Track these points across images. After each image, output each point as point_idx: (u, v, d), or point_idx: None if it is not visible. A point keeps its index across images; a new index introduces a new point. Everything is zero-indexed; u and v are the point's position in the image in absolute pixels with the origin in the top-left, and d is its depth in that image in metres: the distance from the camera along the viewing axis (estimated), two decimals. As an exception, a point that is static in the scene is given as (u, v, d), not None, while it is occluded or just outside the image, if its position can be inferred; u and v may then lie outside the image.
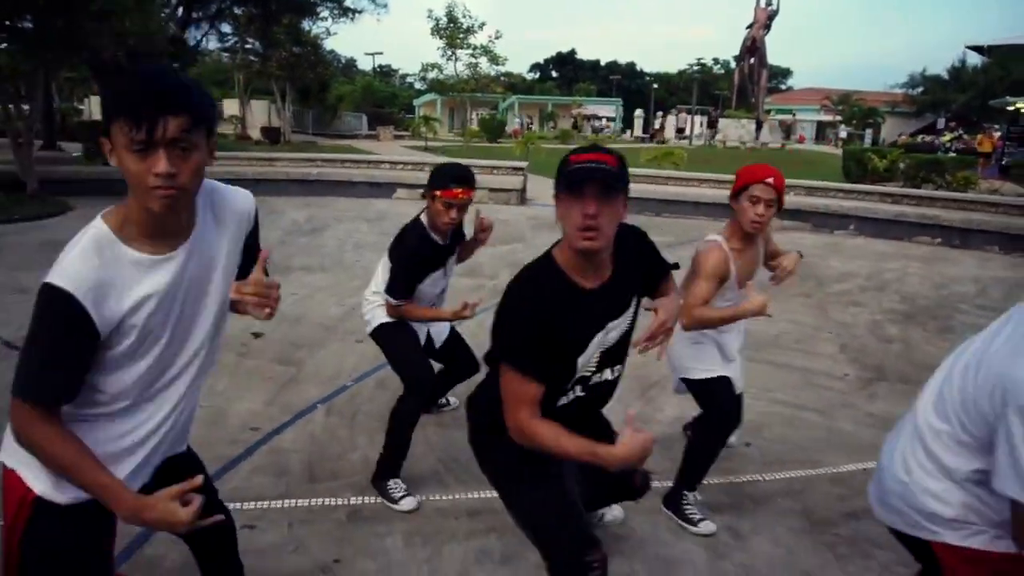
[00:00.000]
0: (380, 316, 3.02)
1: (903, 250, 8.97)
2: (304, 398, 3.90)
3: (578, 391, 1.82)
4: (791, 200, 11.20)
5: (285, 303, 5.56)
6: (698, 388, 2.75)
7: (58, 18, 9.42)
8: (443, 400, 3.70)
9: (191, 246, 1.42)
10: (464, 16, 25.44)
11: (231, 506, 1.94)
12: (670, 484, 2.83)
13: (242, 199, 1.57)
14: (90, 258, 1.32)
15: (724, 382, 2.71)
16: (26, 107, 11.34)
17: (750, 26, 38.22)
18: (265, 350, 4.65)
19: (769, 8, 37.59)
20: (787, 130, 47.77)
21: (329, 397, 3.93)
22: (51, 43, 9.79)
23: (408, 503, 2.84)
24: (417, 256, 2.88)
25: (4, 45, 9.92)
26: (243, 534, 2.60)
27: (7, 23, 9.29)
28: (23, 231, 8.52)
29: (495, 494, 1.98)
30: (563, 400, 1.81)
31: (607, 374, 1.85)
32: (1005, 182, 15.15)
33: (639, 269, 1.84)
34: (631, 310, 1.82)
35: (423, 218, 2.92)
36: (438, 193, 2.76)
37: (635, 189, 2.29)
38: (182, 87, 1.26)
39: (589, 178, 1.58)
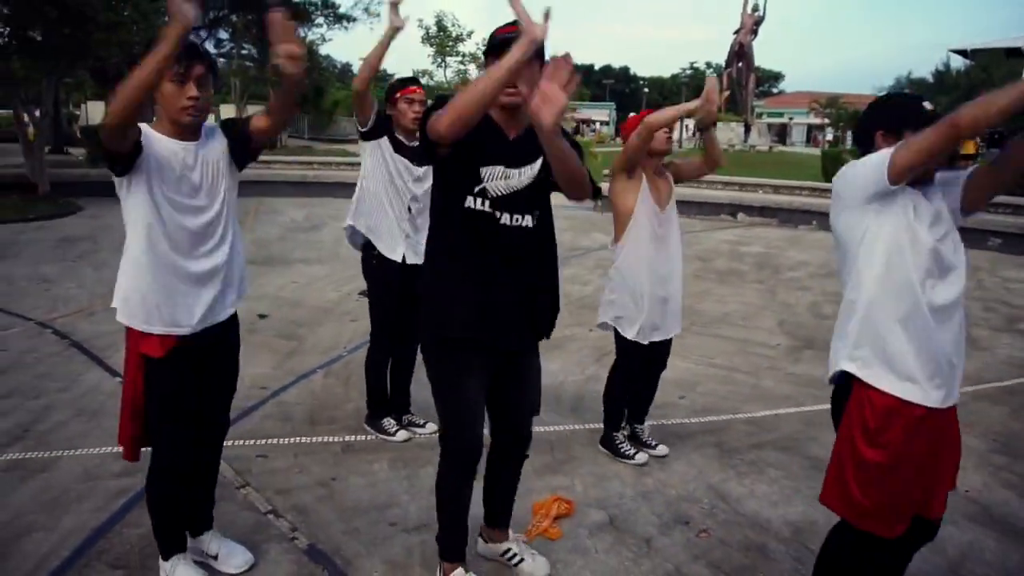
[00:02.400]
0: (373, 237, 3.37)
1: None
2: (305, 364, 4.51)
3: (481, 204, 2.07)
4: (760, 197, 11.91)
5: (286, 290, 6.26)
6: (616, 337, 3.30)
7: (67, 28, 10.03)
8: (419, 420, 3.64)
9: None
10: (453, 25, 26.09)
11: (247, 442, 2.54)
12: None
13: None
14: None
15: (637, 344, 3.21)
16: (37, 113, 11.93)
17: (737, 31, 38.91)
18: (269, 328, 5.27)
19: (756, 14, 38.27)
20: (780, 133, 48.61)
21: (327, 364, 4.55)
22: (61, 52, 10.40)
23: (401, 435, 3.47)
24: (384, 123, 3.24)
25: (16, 55, 10.47)
26: (258, 461, 3.24)
27: (20, 33, 9.87)
28: (39, 229, 9.13)
29: None
30: (469, 202, 2.07)
31: (515, 219, 2.09)
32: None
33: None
34: (535, 168, 2.10)
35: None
36: (399, 95, 3.18)
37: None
38: (204, 51, 2.10)
39: (509, 42, 1.83)
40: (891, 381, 1.82)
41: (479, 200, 2.07)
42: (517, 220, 2.10)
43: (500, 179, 2.07)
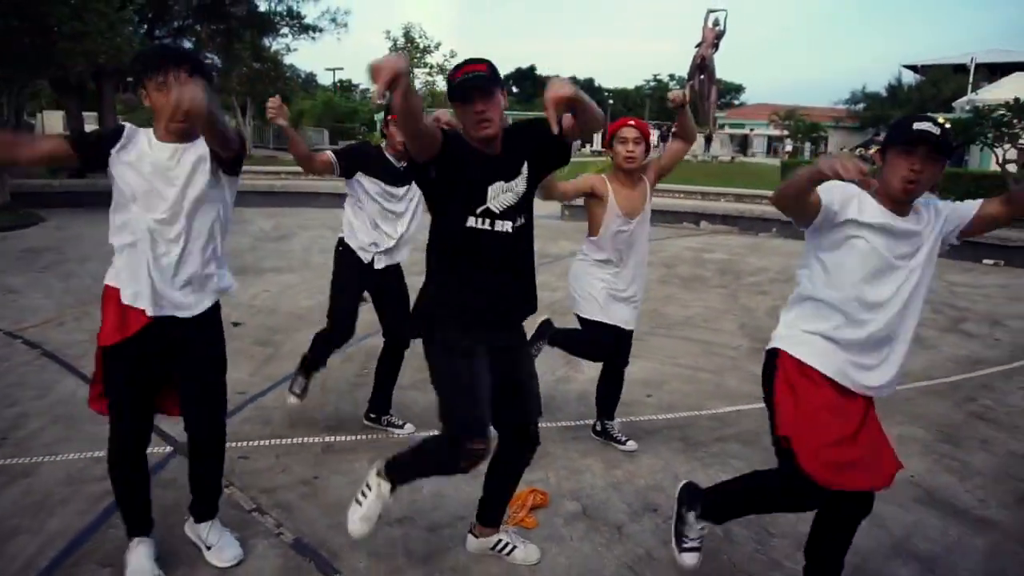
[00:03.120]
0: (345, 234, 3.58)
1: (815, 249, 10.00)
2: (282, 370, 4.58)
3: (483, 223, 2.21)
4: (722, 206, 12.27)
5: (259, 298, 6.31)
6: (582, 324, 3.48)
7: (28, 37, 9.91)
8: (397, 421, 3.78)
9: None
10: (421, 36, 26.25)
11: (229, 444, 2.61)
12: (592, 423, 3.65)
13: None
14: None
15: (601, 326, 3.40)
16: (-5, 122, 11.72)
17: (699, 45, 39.80)
18: (245, 335, 5.32)
19: (717, 28, 39.14)
20: (742, 144, 49.70)
21: (303, 369, 4.62)
22: (23, 61, 10.26)
23: (409, 427, 3.69)
24: (363, 147, 3.54)
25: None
26: (240, 463, 3.31)
27: (-19, 43, 9.72)
28: (1, 240, 8.98)
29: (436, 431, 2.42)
30: (471, 222, 2.21)
31: (507, 226, 2.23)
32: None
33: (529, 144, 2.27)
34: (523, 175, 2.26)
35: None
36: (390, 118, 3.37)
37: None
38: (184, 52, 2.24)
39: (472, 86, 2.10)
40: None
41: (481, 220, 2.22)
42: (506, 226, 2.25)
43: (504, 193, 2.23)
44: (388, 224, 3.52)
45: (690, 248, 9.98)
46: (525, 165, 2.28)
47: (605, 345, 3.47)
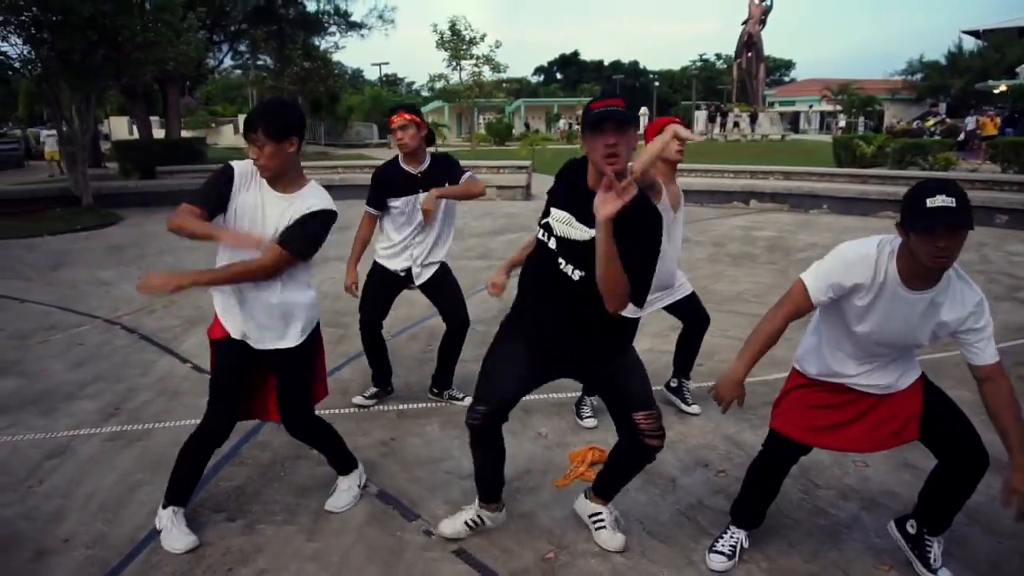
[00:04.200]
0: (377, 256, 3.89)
1: (866, 224, 9.95)
2: (354, 347, 4.93)
3: (543, 235, 2.33)
4: (771, 184, 12.22)
5: (325, 284, 6.75)
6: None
7: (104, 49, 10.60)
8: (458, 395, 4.06)
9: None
10: (466, 29, 26.55)
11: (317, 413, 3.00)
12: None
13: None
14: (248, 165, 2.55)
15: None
16: (78, 128, 12.54)
17: (745, 22, 39.10)
18: (317, 318, 5.71)
19: (763, 3, 38.44)
20: (794, 121, 48.64)
21: (373, 347, 4.98)
22: (100, 72, 10.97)
23: (469, 399, 3.94)
24: (382, 173, 3.72)
25: (59, 76, 11.05)
26: (326, 425, 3.66)
27: (63, 56, 10.45)
28: (88, 239, 9.70)
29: None
30: (540, 233, 2.34)
31: (569, 268, 2.25)
32: (983, 162, 15.94)
33: (624, 222, 2.08)
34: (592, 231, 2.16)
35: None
36: (391, 123, 3.59)
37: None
38: (262, 114, 2.44)
39: (607, 117, 2.06)
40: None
41: (543, 232, 2.33)
42: (570, 269, 2.26)
43: (566, 226, 2.25)
44: (417, 234, 3.75)
45: (739, 227, 10.04)
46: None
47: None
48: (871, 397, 2.36)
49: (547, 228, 2.32)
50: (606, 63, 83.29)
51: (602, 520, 2.68)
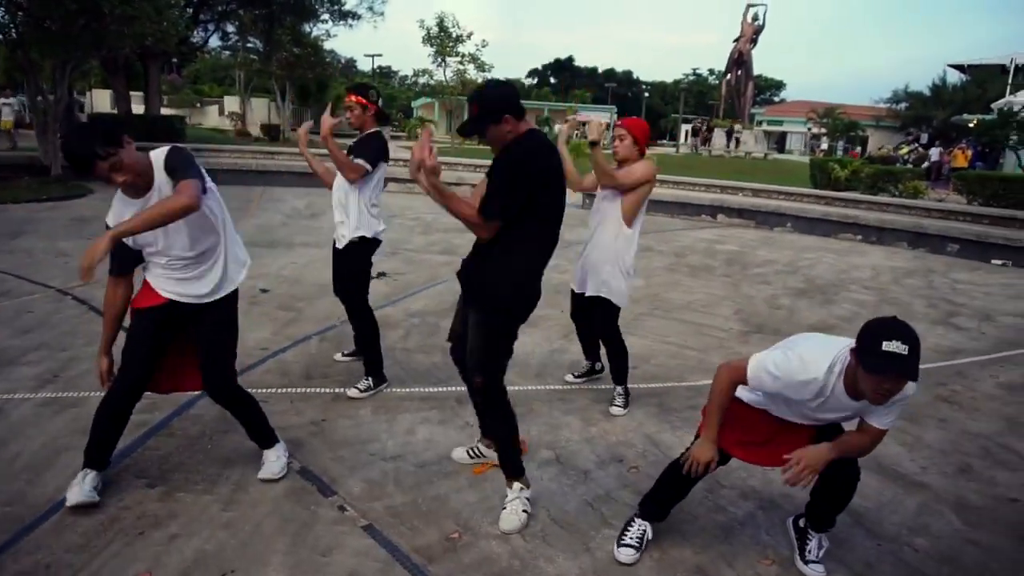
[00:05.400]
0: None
1: (826, 244, 10.21)
2: (302, 331, 5.03)
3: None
4: (739, 200, 12.45)
5: (287, 269, 6.80)
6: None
7: (83, 20, 10.54)
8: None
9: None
10: (453, 26, 26.65)
11: (250, 391, 3.09)
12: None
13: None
14: None
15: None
16: (51, 98, 12.44)
17: (737, 39, 39.64)
18: (270, 300, 5.78)
19: (756, 23, 39.01)
20: (780, 141, 49.19)
21: (322, 331, 5.06)
22: (77, 42, 10.91)
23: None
24: (376, 151, 4.01)
25: (34, 44, 10.97)
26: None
27: (39, 23, 10.38)
28: (53, 209, 9.65)
29: (437, 389, 2.97)
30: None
31: None
32: (950, 192, 16.32)
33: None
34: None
35: None
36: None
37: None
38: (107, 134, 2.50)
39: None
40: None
41: None
42: None
43: None
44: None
45: (703, 240, 10.23)
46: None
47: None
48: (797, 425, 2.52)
49: None
50: (600, 70, 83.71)
51: (511, 500, 2.83)
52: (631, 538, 2.67)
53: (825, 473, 2.44)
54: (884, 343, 2.03)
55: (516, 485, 2.85)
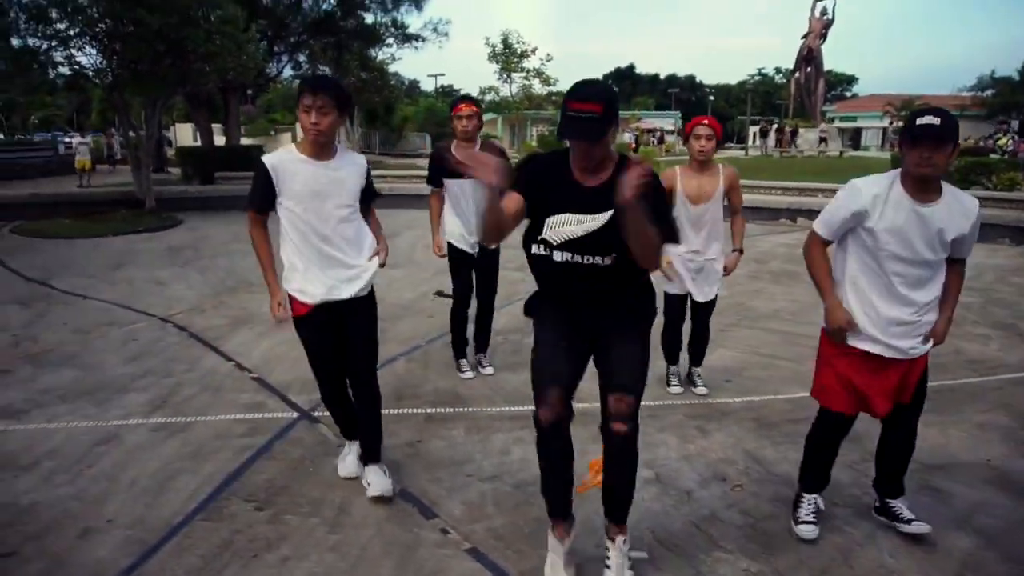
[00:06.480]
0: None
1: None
2: (389, 352, 5.10)
3: (542, 250, 2.33)
4: (819, 201, 11.99)
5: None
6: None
7: (170, 59, 11.15)
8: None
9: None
10: (518, 42, 26.90)
11: None
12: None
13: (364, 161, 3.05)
14: (279, 152, 2.93)
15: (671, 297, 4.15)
16: (142, 134, 13.19)
17: (805, 36, 38.45)
18: (356, 322, 5.90)
19: (824, 18, 37.74)
20: (855, 137, 47.38)
21: (408, 352, 5.13)
22: (165, 81, 11.54)
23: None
24: (434, 158, 4.42)
25: (128, 85, 11.67)
26: (355, 425, 3.80)
27: (131, 66, 11.04)
28: (149, 240, 10.18)
29: (528, 408, 2.52)
30: (535, 249, 2.35)
31: (578, 256, 2.28)
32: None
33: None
34: (607, 215, 2.21)
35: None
36: (452, 113, 4.27)
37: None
38: (326, 82, 2.77)
39: (580, 129, 2.13)
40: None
41: (543, 247, 2.35)
42: (598, 259, 2.31)
43: (570, 225, 2.28)
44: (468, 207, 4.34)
45: (785, 244, 9.90)
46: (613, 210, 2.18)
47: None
48: (896, 362, 2.62)
49: (544, 243, 2.32)
50: (662, 76, 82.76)
51: (607, 556, 2.52)
52: (807, 514, 2.82)
53: (884, 438, 2.80)
54: (918, 120, 2.37)
55: (620, 539, 2.51)
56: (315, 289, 2.86)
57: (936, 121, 2.33)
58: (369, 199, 3.03)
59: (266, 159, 2.84)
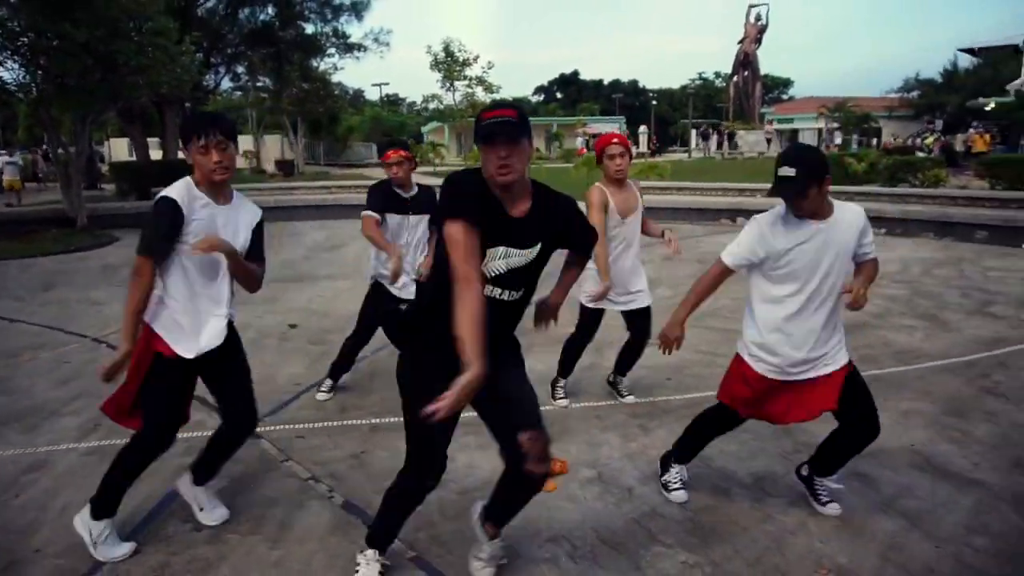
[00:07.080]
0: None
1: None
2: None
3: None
4: (758, 202, 12.36)
5: (314, 302, 6.85)
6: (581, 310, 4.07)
7: (99, 73, 10.81)
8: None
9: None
10: (460, 50, 26.99)
11: (286, 427, 3.08)
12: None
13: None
14: (181, 188, 2.56)
15: (596, 312, 4.08)
16: (72, 151, 12.74)
17: (741, 41, 39.66)
18: (300, 336, 5.83)
19: (759, 23, 39.02)
20: (792, 139, 48.91)
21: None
22: (95, 96, 11.18)
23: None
24: (378, 188, 4.14)
25: (53, 100, 11.26)
26: (297, 441, 3.77)
27: (57, 81, 10.66)
28: (82, 259, 9.84)
29: (475, 414, 2.44)
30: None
31: (502, 293, 2.21)
32: (972, 179, 16.07)
33: (556, 226, 2.23)
34: (535, 251, 2.20)
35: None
36: (381, 159, 4.17)
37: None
38: (217, 117, 2.59)
39: (498, 131, 2.03)
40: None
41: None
42: (507, 295, 2.24)
43: (502, 259, 2.17)
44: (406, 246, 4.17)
45: (724, 244, 10.13)
46: (540, 246, 2.21)
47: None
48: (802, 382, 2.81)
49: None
50: (606, 82, 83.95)
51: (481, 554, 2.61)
52: (677, 482, 3.14)
53: (847, 420, 2.82)
54: (778, 170, 2.50)
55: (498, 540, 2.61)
56: (191, 343, 2.64)
57: (791, 173, 2.51)
58: (254, 259, 2.72)
59: (172, 194, 2.47)
